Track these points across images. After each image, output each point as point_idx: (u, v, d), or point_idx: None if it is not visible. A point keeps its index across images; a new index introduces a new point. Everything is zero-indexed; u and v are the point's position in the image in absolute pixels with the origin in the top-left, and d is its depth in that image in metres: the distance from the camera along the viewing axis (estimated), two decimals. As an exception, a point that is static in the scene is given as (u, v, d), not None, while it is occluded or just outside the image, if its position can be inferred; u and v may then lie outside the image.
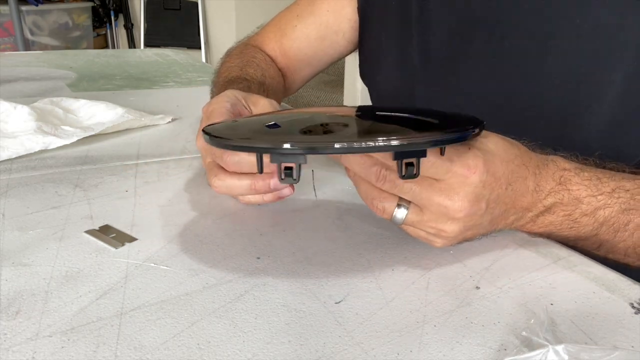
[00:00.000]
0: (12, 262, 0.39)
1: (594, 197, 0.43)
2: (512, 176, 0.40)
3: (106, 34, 3.20)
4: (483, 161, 0.38)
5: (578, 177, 0.43)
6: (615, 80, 0.50)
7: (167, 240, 0.43)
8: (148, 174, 0.57)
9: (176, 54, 1.37)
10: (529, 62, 0.55)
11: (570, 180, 0.43)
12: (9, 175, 0.55)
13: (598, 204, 0.43)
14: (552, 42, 0.53)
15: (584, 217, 0.43)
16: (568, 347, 0.29)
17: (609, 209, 0.43)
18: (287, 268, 0.40)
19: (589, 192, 0.43)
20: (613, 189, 0.43)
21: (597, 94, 0.51)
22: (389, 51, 0.68)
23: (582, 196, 0.43)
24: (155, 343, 0.32)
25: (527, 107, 0.56)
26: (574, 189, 0.43)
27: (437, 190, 0.38)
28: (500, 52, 0.57)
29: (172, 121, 0.76)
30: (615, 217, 0.43)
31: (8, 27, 2.62)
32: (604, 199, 0.43)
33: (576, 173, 0.43)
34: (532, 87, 0.55)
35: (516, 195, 0.41)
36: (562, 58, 0.53)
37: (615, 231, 0.43)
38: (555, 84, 0.54)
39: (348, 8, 0.73)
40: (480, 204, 0.39)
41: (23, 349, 0.31)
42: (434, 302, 0.36)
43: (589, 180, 0.43)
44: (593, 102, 0.52)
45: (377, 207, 0.40)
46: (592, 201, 0.43)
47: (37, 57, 1.28)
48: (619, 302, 0.37)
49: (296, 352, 0.31)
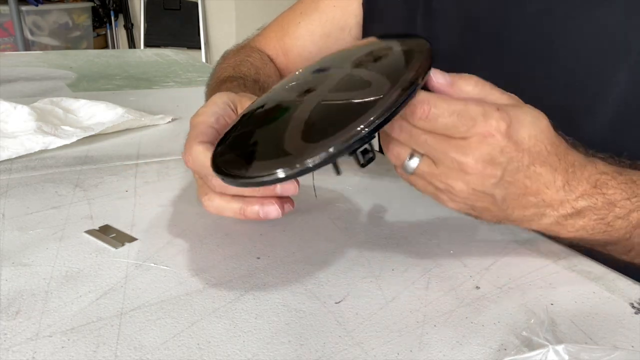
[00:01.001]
0: (12, 262, 0.39)
1: (628, 200, 0.41)
2: (539, 158, 0.38)
3: (106, 34, 3.20)
4: (507, 126, 0.37)
5: (615, 180, 0.41)
6: (619, 81, 0.50)
7: (167, 240, 0.43)
8: (148, 174, 0.57)
9: (176, 54, 1.37)
10: (533, 63, 0.55)
11: (607, 184, 0.41)
12: (9, 175, 0.55)
13: (632, 207, 0.41)
14: (557, 42, 0.53)
15: (617, 221, 0.41)
16: (568, 347, 0.29)
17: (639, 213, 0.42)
18: (287, 268, 0.40)
19: (624, 195, 0.41)
20: None
21: (601, 95, 0.51)
22: None
23: (616, 200, 0.41)
24: (155, 343, 0.32)
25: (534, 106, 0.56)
26: (609, 193, 0.41)
27: (453, 146, 0.37)
28: (505, 52, 0.57)
29: (172, 121, 0.76)
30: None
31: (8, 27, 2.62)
32: (638, 201, 0.42)
33: (613, 177, 0.42)
34: (537, 87, 0.55)
35: (539, 182, 0.39)
36: (566, 59, 0.53)
37: None
38: (559, 85, 0.54)
39: (354, 4, 0.72)
40: (495, 170, 0.37)
41: (23, 349, 0.31)
42: (434, 302, 0.36)
43: (624, 184, 0.42)
44: (597, 102, 0.52)
45: (392, 151, 0.39)
46: (626, 204, 0.41)
47: (37, 57, 1.28)
48: (619, 302, 0.37)
49: (296, 352, 0.31)
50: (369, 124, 0.33)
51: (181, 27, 3.21)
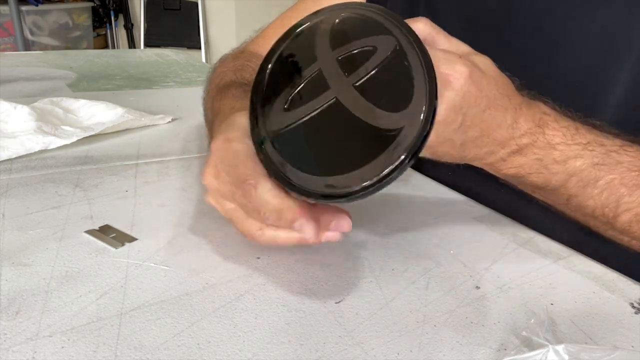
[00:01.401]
0: (12, 262, 0.39)
1: (567, 146, 0.43)
2: (494, 101, 0.40)
3: (106, 34, 3.20)
4: (470, 71, 0.38)
5: (556, 123, 0.43)
6: (620, 79, 0.51)
7: (167, 240, 0.43)
8: (148, 174, 0.57)
9: (176, 54, 1.37)
10: (536, 61, 0.55)
11: (548, 125, 0.43)
12: (9, 175, 0.55)
13: (570, 153, 0.43)
14: (560, 41, 0.53)
15: (554, 165, 0.43)
16: (568, 347, 0.29)
17: (581, 160, 0.43)
18: (287, 268, 0.40)
19: (564, 139, 0.43)
20: (588, 141, 0.43)
21: (603, 93, 0.52)
22: None
23: (555, 142, 0.43)
24: (155, 343, 0.32)
25: None
26: (549, 134, 0.43)
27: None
28: (508, 51, 0.57)
29: (172, 121, 0.76)
30: (586, 170, 0.43)
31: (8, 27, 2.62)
32: (578, 149, 0.43)
33: (555, 119, 0.43)
34: (539, 85, 0.55)
35: (493, 123, 0.40)
36: (567, 58, 0.53)
37: (585, 185, 0.43)
38: (562, 83, 0.54)
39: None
40: (457, 116, 0.38)
41: (23, 349, 0.31)
42: (434, 302, 0.36)
43: (565, 128, 0.43)
44: (599, 100, 0.52)
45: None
46: (565, 149, 0.43)
47: (37, 57, 1.28)
48: (619, 302, 0.37)
49: (296, 352, 0.31)
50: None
51: (181, 27, 3.21)
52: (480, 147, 0.41)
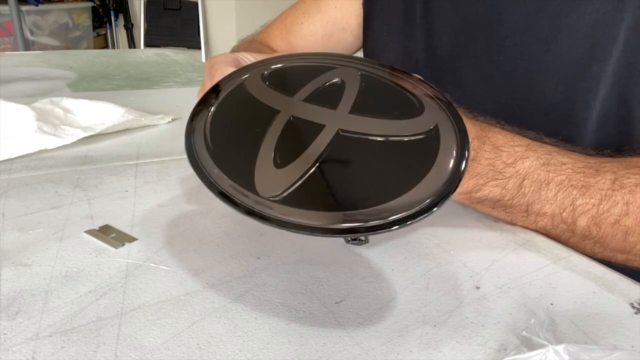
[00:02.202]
0: (12, 262, 0.39)
1: (511, 147, 0.44)
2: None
3: (106, 34, 3.20)
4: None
5: (496, 128, 0.46)
6: (607, 73, 0.51)
7: (167, 240, 0.43)
8: (148, 174, 0.57)
9: (176, 54, 1.38)
10: (529, 60, 0.56)
11: (490, 129, 0.45)
12: (9, 175, 0.55)
13: (516, 154, 0.44)
14: (551, 39, 0.54)
15: (506, 168, 0.44)
16: (568, 347, 0.29)
17: (528, 161, 0.44)
18: (287, 268, 0.40)
19: (506, 141, 0.45)
20: (529, 143, 0.46)
21: (593, 89, 0.52)
22: (392, 48, 0.68)
23: (500, 144, 0.44)
24: (155, 343, 0.32)
25: (528, 104, 0.56)
26: (492, 137, 0.44)
27: None
28: (501, 51, 0.57)
29: (172, 121, 0.76)
30: (536, 171, 0.44)
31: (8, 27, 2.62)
32: (522, 150, 0.45)
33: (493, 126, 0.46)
34: (533, 84, 0.56)
35: None
36: (560, 54, 0.54)
37: (539, 189, 0.44)
38: (554, 80, 0.54)
39: (355, 5, 0.73)
40: None
41: (23, 349, 0.31)
42: (434, 302, 0.36)
43: (504, 133, 0.46)
44: (590, 96, 0.52)
45: None
46: (510, 150, 0.44)
47: (37, 57, 1.28)
48: (619, 302, 0.37)
49: (296, 352, 0.31)
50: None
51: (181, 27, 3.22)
52: None
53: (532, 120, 0.55)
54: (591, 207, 0.43)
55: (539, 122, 0.55)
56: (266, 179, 0.35)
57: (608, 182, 0.44)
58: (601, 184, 0.44)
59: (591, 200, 0.43)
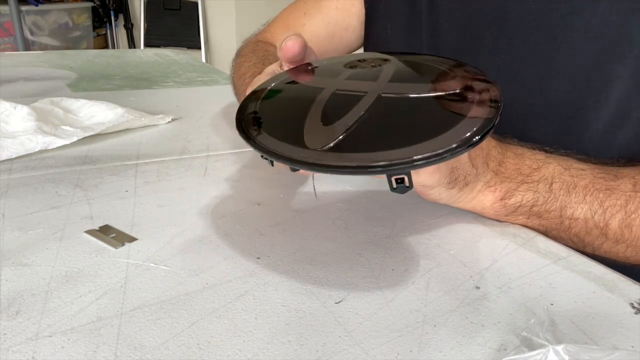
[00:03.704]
0: (12, 262, 0.39)
1: (533, 154, 0.46)
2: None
3: (106, 34, 3.20)
4: None
5: (513, 141, 0.47)
6: (621, 76, 0.51)
7: (167, 240, 0.43)
8: (148, 174, 0.57)
9: (176, 54, 1.38)
10: (538, 58, 0.55)
11: (509, 142, 0.46)
12: (9, 175, 0.55)
13: (539, 161, 0.45)
14: (561, 37, 0.53)
15: (534, 172, 0.44)
16: (568, 347, 0.29)
17: (552, 166, 0.45)
18: (287, 268, 0.40)
19: (526, 149, 0.46)
20: (548, 151, 0.47)
21: (604, 90, 0.52)
22: (396, 45, 0.68)
23: (521, 152, 0.45)
24: (155, 343, 0.32)
25: (536, 102, 0.56)
26: (512, 147, 0.46)
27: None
28: (509, 48, 0.57)
29: (172, 121, 0.76)
30: (561, 174, 0.45)
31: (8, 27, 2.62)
32: (543, 156, 0.46)
33: (512, 140, 0.47)
34: (541, 82, 0.56)
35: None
36: (570, 53, 0.53)
37: (568, 191, 0.44)
38: (563, 79, 0.54)
39: (357, 5, 0.73)
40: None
41: (23, 349, 0.31)
42: (434, 302, 0.36)
43: (522, 144, 0.47)
44: (600, 97, 0.52)
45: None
46: (532, 157, 0.45)
47: (37, 57, 1.28)
48: (619, 302, 0.37)
49: (296, 352, 0.31)
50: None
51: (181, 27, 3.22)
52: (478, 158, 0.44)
53: (539, 119, 0.55)
54: (619, 208, 0.43)
55: (547, 121, 0.55)
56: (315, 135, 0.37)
57: (629, 185, 0.44)
58: (623, 187, 0.44)
59: (617, 202, 0.43)
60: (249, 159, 0.62)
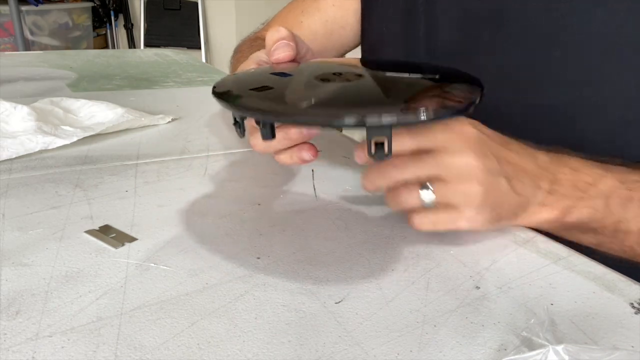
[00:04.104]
0: (12, 262, 0.39)
1: (589, 169, 0.44)
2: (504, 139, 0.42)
3: (106, 34, 3.20)
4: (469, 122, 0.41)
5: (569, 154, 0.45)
6: (626, 81, 0.50)
7: (167, 240, 0.43)
8: (148, 174, 0.57)
9: (176, 54, 1.37)
10: (536, 58, 0.55)
11: (564, 156, 0.45)
12: (9, 175, 0.55)
13: (596, 175, 0.44)
14: (560, 38, 0.53)
15: (590, 188, 0.43)
16: (568, 347, 0.29)
17: (609, 180, 0.44)
18: (287, 268, 0.40)
19: (582, 164, 0.45)
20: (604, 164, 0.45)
21: (607, 93, 0.51)
22: (393, 43, 0.68)
23: (576, 166, 0.44)
24: (155, 343, 0.32)
25: (534, 104, 0.56)
26: (567, 161, 0.45)
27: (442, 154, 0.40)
28: (507, 48, 0.57)
29: (172, 121, 0.76)
30: (618, 189, 0.44)
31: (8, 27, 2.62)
32: (599, 170, 0.44)
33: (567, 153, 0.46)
34: (539, 83, 0.55)
35: (519, 156, 0.42)
36: (570, 55, 0.53)
37: (624, 205, 0.43)
38: (562, 81, 0.54)
39: (354, 2, 0.73)
40: (488, 158, 0.40)
41: (23, 349, 0.31)
42: (434, 302, 0.36)
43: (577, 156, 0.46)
44: (602, 100, 0.52)
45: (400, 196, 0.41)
46: (589, 172, 0.44)
47: (37, 57, 1.28)
48: (619, 302, 0.37)
49: (296, 352, 0.31)
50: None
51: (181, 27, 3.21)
52: (525, 185, 0.42)
53: (538, 121, 0.55)
54: None
55: (546, 123, 0.55)
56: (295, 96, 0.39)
57: None
58: None
59: None
60: (249, 159, 0.62)
